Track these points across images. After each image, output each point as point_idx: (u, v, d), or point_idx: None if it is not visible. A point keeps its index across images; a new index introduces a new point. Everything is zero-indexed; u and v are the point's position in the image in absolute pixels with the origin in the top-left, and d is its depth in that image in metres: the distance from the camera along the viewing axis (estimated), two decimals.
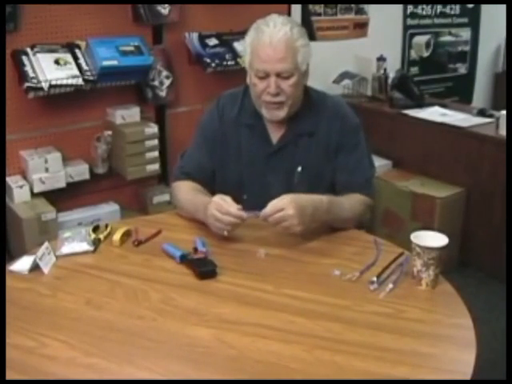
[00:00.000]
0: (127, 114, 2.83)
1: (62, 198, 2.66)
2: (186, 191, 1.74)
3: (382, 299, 1.32)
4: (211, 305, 1.30)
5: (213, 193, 1.67)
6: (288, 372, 1.09)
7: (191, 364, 1.11)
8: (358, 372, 1.08)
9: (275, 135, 1.76)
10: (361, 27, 3.78)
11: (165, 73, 2.93)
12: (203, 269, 1.42)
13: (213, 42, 3.00)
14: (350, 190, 1.72)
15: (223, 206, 1.52)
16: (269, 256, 1.51)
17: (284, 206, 1.49)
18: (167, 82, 2.95)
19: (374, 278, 1.38)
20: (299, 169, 1.73)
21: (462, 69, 4.51)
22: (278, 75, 1.62)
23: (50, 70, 2.48)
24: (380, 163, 3.16)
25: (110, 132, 2.80)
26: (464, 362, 1.11)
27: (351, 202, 1.68)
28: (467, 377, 1.07)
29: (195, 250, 1.51)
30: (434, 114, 3.26)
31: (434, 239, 1.36)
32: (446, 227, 2.62)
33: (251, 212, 1.53)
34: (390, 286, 1.36)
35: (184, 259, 1.46)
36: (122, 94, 2.84)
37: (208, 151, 1.79)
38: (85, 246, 1.53)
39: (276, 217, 1.49)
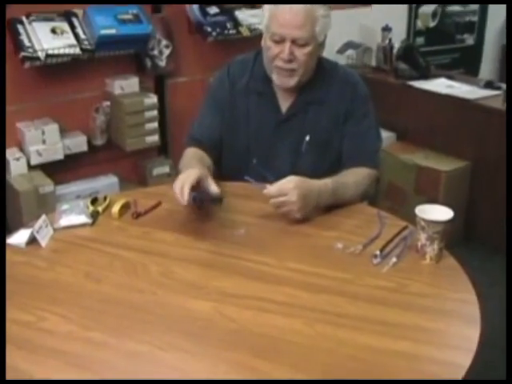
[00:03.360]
0: (126, 85, 2.81)
1: (59, 170, 2.66)
2: (187, 159, 1.74)
3: (385, 273, 1.32)
4: (212, 278, 1.30)
5: (220, 159, 1.67)
6: (290, 346, 1.09)
7: (191, 338, 1.11)
8: (359, 346, 1.09)
9: (285, 103, 1.77)
10: None
11: (164, 42, 2.89)
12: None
13: (214, 10, 2.96)
14: (356, 159, 1.73)
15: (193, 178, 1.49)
16: (270, 229, 1.52)
17: (288, 191, 1.49)
18: (167, 52, 2.91)
19: (378, 252, 1.38)
20: (307, 138, 1.75)
21: (470, 40, 4.45)
22: (294, 42, 1.63)
23: (47, 39, 2.46)
24: (384, 135, 3.09)
25: (108, 103, 2.78)
26: (468, 338, 1.11)
27: (357, 180, 1.69)
28: (471, 353, 1.06)
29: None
30: (439, 85, 3.23)
31: (439, 213, 1.36)
32: (450, 201, 2.61)
33: (259, 184, 1.54)
34: (394, 259, 1.36)
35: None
36: (121, 63, 2.82)
37: (218, 116, 1.80)
38: (83, 219, 1.53)
39: (277, 201, 1.50)
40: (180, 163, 1.76)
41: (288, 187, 1.50)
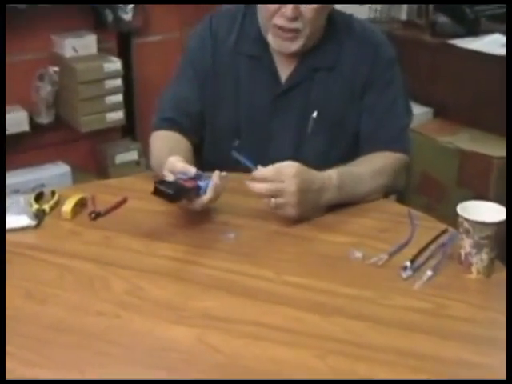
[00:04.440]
0: (80, 45, 2.82)
1: None
2: (160, 146, 1.75)
3: (417, 290, 1.32)
4: (192, 296, 1.30)
5: (201, 144, 1.70)
6: None
7: (165, 374, 1.11)
8: None
9: (285, 70, 1.78)
10: None
11: None
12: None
13: None
14: (378, 142, 1.76)
15: (177, 167, 1.52)
16: (267, 232, 1.53)
17: (287, 177, 1.50)
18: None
19: (408, 263, 1.38)
20: (315, 114, 1.76)
21: None
22: None
23: None
24: (416, 111, 3.11)
25: (56, 68, 2.79)
26: None
27: (374, 169, 1.70)
28: None
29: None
30: (492, 44, 3.22)
31: (489, 212, 1.37)
32: (504, 196, 2.62)
33: (247, 160, 1.55)
34: (429, 273, 1.36)
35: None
36: (73, 16, 2.84)
37: (197, 86, 1.82)
38: (24, 220, 1.53)
39: (272, 188, 1.50)
40: (151, 152, 1.77)
41: (288, 173, 1.50)
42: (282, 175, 1.50)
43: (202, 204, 1.50)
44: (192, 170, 1.50)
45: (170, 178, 1.50)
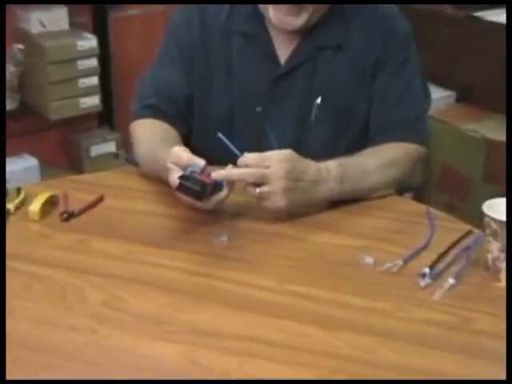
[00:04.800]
0: (49, 19, 2.83)
1: None
2: (147, 137, 1.76)
3: (438, 301, 1.33)
4: (180, 308, 1.31)
5: (190, 134, 1.72)
6: None
7: None
8: None
9: (284, 49, 1.80)
10: None
11: None
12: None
13: None
14: (391, 130, 1.78)
15: (182, 159, 1.52)
16: (265, 235, 1.54)
17: (273, 162, 1.52)
18: None
19: (426, 270, 1.39)
20: (319, 100, 1.78)
21: None
22: None
23: None
24: (436, 95, 3.13)
25: (21, 46, 2.81)
26: None
27: (384, 160, 1.71)
28: None
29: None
30: None
31: None
32: None
33: (234, 146, 1.56)
34: (451, 281, 1.37)
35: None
36: None
37: (183, 67, 1.84)
38: None
39: (255, 173, 1.51)
40: (136, 143, 1.77)
41: (274, 158, 1.52)
42: (268, 160, 1.52)
43: (218, 201, 1.52)
44: (201, 162, 1.50)
45: (177, 172, 1.49)
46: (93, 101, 2.87)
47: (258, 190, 1.52)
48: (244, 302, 1.33)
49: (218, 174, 1.50)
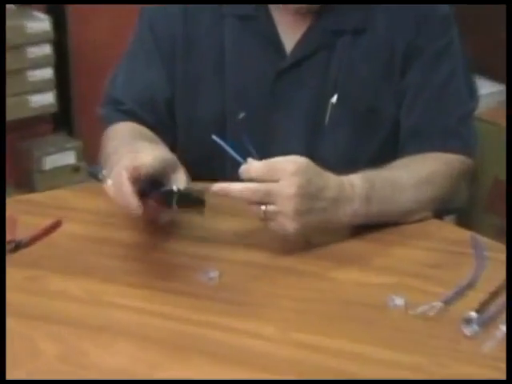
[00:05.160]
0: None
1: None
2: (122, 133, 1.78)
3: (487, 354, 1.29)
4: (158, 364, 1.27)
5: (172, 148, 1.70)
6: None
7: None
8: None
9: (291, 35, 1.79)
10: None
11: None
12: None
13: None
14: (427, 139, 1.78)
15: (122, 179, 1.44)
16: (264, 268, 1.53)
17: (284, 175, 1.48)
18: None
19: (473, 314, 1.35)
20: (335, 98, 1.77)
21: None
22: None
23: None
24: (485, 91, 3.15)
25: None
26: None
27: (420, 176, 1.69)
28: None
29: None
30: None
31: None
32: None
33: (235, 151, 1.53)
34: (503, 329, 1.34)
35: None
36: None
37: (162, 65, 1.84)
38: None
39: (261, 189, 1.48)
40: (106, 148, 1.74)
41: (285, 169, 1.48)
42: (277, 172, 1.48)
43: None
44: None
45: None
46: (46, 99, 2.92)
47: (263, 208, 1.49)
48: (238, 355, 1.30)
49: (216, 187, 1.48)
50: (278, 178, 1.47)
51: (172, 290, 1.46)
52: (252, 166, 1.49)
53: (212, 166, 1.57)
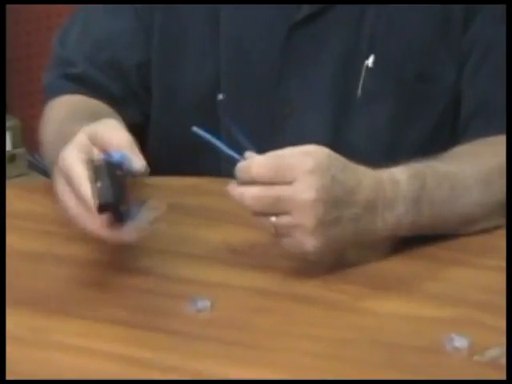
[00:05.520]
0: None
1: None
2: (61, 116, 1.73)
3: None
4: None
5: (143, 127, 1.79)
6: None
7: None
8: None
9: None
10: None
11: None
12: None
13: None
14: (499, 117, 1.70)
15: (73, 171, 1.36)
16: (269, 297, 1.46)
17: (299, 174, 1.39)
18: None
19: None
20: (370, 61, 1.74)
21: None
22: None
23: None
24: None
25: None
26: None
27: (487, 170, 1.63)
28: None
29: None
30: None
31: None
32: None
33: (222, 142, 1.45)
34: None
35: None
36: None
37: (136, 15, 1.83)
38: None
39: (271, 195, 1.39)
40: (44, 131, 1.74)
41: (300, 165, 1.39)
42: (290, 170, 1.39)
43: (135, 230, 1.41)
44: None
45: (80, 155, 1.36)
46: None
47: (272, 219, 1.40)
48: None
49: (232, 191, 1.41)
50: (290, 179, 1.40)
51: (147, 326, 1.40)
52: (253, 163, 1.41)
53: (200, 157, 1.50)
